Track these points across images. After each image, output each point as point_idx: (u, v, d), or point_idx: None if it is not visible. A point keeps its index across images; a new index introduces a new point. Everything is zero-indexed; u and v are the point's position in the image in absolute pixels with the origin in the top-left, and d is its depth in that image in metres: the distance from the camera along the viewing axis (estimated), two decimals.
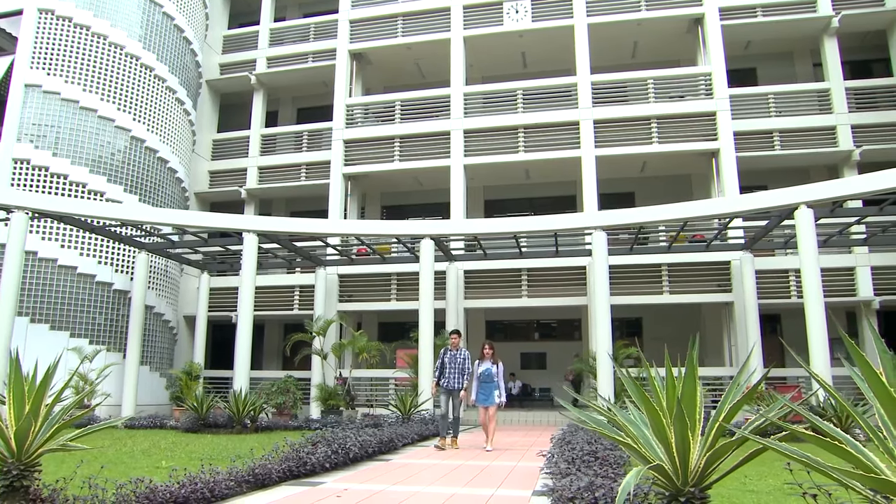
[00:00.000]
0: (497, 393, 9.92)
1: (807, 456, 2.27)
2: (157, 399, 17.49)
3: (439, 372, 10.26)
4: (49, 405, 4.44)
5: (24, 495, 4.23)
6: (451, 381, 10.12)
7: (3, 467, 4.21)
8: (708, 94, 18.88)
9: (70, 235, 16.88)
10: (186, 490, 4.99)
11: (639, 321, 20.95)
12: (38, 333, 15.80)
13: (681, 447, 2.85)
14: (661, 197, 17.18)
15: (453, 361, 10.18)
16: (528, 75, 21.64)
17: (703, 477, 2.92)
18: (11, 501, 4.17)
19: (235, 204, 22.92)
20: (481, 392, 9.98)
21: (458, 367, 10.15)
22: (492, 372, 9.96)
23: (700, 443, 2.90)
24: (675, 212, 14.07)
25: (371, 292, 19.69)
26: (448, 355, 10.31)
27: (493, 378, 9.94)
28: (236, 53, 24.24)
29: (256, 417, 13.15)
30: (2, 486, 4.20)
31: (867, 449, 2.23)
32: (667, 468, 2.91)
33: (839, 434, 2.34)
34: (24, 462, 4.28)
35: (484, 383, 10.01)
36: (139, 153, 18.52)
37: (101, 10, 18.41)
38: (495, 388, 9.95)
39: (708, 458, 2.84)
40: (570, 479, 4.01)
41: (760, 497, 4.95)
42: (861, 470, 2.11)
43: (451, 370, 10.15)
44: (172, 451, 8.47)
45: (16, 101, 17.23)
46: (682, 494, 2.91)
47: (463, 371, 10.13)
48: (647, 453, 3.03)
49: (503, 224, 16.51)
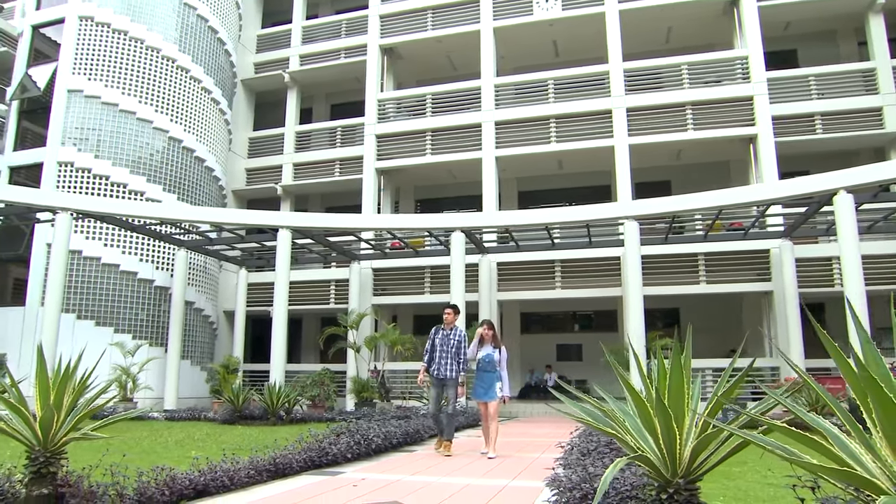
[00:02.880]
0: (499, 385, 7.96)
1: (785, 448, 2.23)
2: (198, 392, 17.99)
3: (428, 356, 8.24)
4: (73, 396, 4.63)
5: (52, 481, 4.42)
6: (442, 368, 8.07)
7: (31, 454, 4.40)
8: (745, 79, 18.38)
9: (112, 234, 17.47)
10: (206, 478, 5.16)
11: (676, 312, 20.59)
12: (85, 329, 16.42)
13: (666, 438, 2.82)
14: (698, 185, 16.82)
15: (445, 344, 8.14)
16: (560, 64, 21.41)
17: (692, 469, 2.88)
18: (39, 486, 4.35)
19: (272, 200, 23.35)
20: (480, 383, 8.01)
21: (452, 350, 8.10)
22: (493, 358, 8.01)
23: (687, 435, 2.87)
24: (709, 200, 13.77)
25: (405, 286, 19.82)
26: (440, 335, 8.25)
27: (495, 366, 8.02)
28: (270, 52, 24.64)
29: (291, 409, 13.41)
30: (30, 472, 4.39)
31: (853, 443, 2.18)
32: (653, 459, 2.88)
33: (823, 427, 2.29)
34: (50, 450, 4.46)
35: (483, 372, 8.06)
36: (177, 153, 19.02)
37: (138, 15, 18.94)
38: (497, 378, 7.99)
39: (693, 450, 2.80)
40: (574, 470, 4.01)
41: (752, 490, 4.86)
42: (837, 465, 2.06)
43: (442, 354, 8.12)
44: (205, 441, 8.73)
45: (59, 107, 17.90)
46: (670, 486, 2.88)
47: (457, 355, 8.11)
48: (637, 445, 3.01)
49: (534, 215, 16.41)
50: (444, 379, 8.07)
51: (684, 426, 2.85)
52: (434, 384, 8.18)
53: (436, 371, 8.10)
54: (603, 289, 18.03)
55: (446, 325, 8.26)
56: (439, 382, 8.12)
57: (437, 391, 8.17)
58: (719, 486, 4.97)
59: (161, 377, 16.85)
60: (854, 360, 2.04)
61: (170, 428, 11.21)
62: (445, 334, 8.20)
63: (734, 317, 19.53)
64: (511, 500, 4.88)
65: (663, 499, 2.89)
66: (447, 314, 8.32)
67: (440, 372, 8.06)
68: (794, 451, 2.21)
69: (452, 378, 8.05)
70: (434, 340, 8.24)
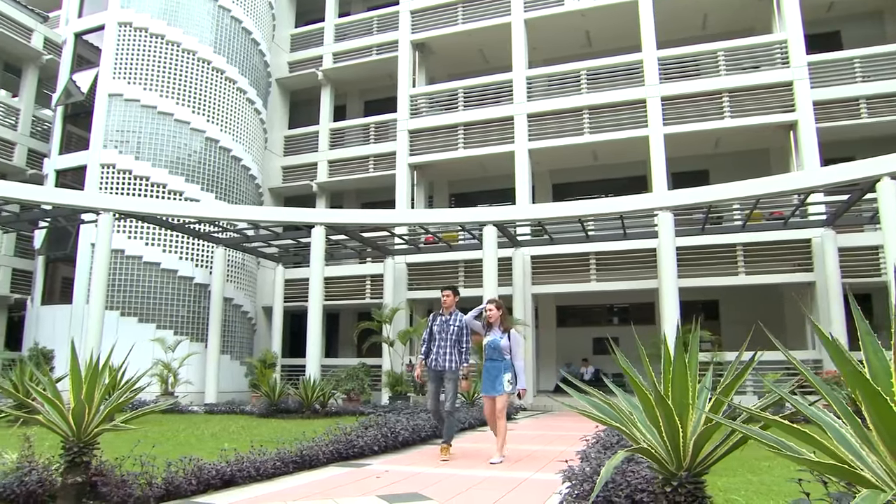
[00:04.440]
0: (508, 377, 6.70)
1: (781, 443, 2.20)
2: (238, 386, 18.41)
3: (426, 346, 7.24)
4: (103, 390, 4.81)
5: (85, 470, 4.60)
6: (441, 358, 7.03)
7: (66, 445, 4.59)
8: (784, 63, 17.86)
9: (153, 233, 17.99)
10: (233, 468, 5.30)
11: (715, 304, 20.20)
12: (128, 326, 16.95)
13: (668, 431, 2.79)
14: (736, 173, 16.43)
15: (444, 331, 7.08)
16: (593, 54, 21.14)
17: (697, 463, 2.85)
18: (73, 475, 4.54)
19: (308, 197, 23.70)
20: (485, 375, 6.82)
21: (452, 338, 7.05)
22: (499, 344, 6.76)
23: (693, 428, 2.84)
24: (747, 189, 13.45)
25: (439, 280, 19.87)
26: (437, 322, 7.21)
27: (503, 354, 6.77)
28: (303, 51, 24.96)
29: (326, 403, 13.62)
30: (65, 461, 4.58)
31: (854, 438, 2.13)
32: (655, 452, 2.86)
33: (823, 421, 2.24)
34: (84, 440, 4.65)
35: (489, 361, 6.82)
36: (214, 153, 19.46)
37: (175, 19, 19.40)
38: (506, 368, 6.73)
39: (695, 443, 2.77)
40: (590, 462, 4.00)
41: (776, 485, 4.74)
42: (834, 460, 2.02)
43: (440, 343, 7.08)
44: (239, 434, 8.95)
45: (101, 110, 18.49)
46: (674, 479, 2.86)
47: (459, 344, 7.06)
48: (642, 437, 2.99)
49: (566, 208, 16.28)
50: (442, 371, 7.05)
51: (688, 419, 2.82)
52: (432, 377, 7.18)
53: (434, 362, 7.08)
54: (639, 281, 17.78)
55: (445, 309, 7.22)
56: (437, 375, 7.12)
57: (436, 385, 7.15)
58: (742, 481, 4.88)
59: (202, 372, 17.31)
60: (833, 353, 2.00)
61: (207, 421, 11.52)
62: (444, 320, 7.15)
63: (776, 308, 19.04)
64: (528, 492, 4.89)
65: (668, 492, 2.87)
66: (445, 296, 7.25)
67: (438, 363, 7.04)
68: (792, 445, 2.18)
69: (453, 370, 6.99)
70: (432, 328, 7.22)
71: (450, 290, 7.29)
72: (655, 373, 3.05)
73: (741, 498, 4.12)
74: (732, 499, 4.14)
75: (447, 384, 7.06)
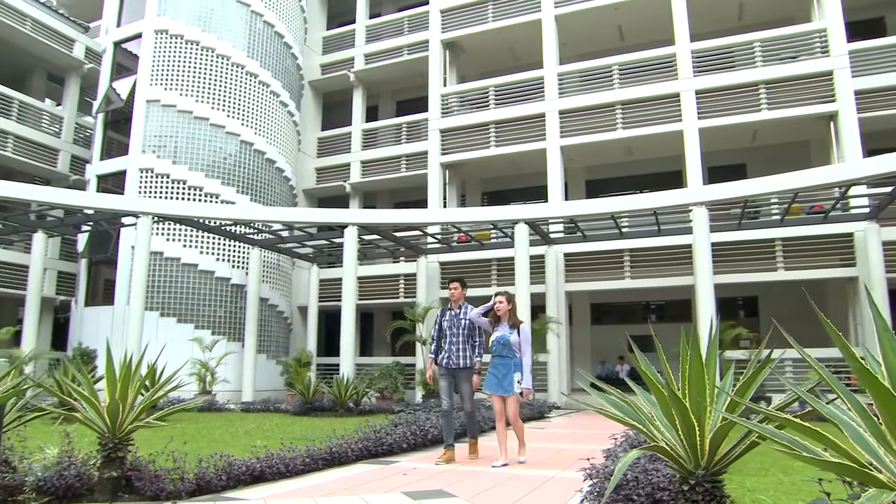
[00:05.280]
0: (518, 376, 6.29)
1: (796, 442, 2.16)
2: (274, 384, 18.71)
3: (436, 343, 6.87)
4: (137, 388, 4.95)
5: (120, 465, 4.75)
6: (453, 355, 6.63)
7: (102, 441, 4.75)
8: (824, 52, 17.37)
9: (191, 236, 18.41)
10: (262, 465, 5.40)
11: (754, 300, 19.76)
12: (168, 326, 17.39)
13: (684, 429, 2.76)
14: (775, 167, 16.04)
15: (455, 326, 6.71)
16: (625, 49, 20.88)
17: (715, 461, 2.81)
18: (109, 470, 4.69)
19: (341, 198, 23.94)
20: (493, 371, 6.42)
21: (463, 332, 6.67)
22: (508, 340, 6.37)
23: (711, 427, 2.80)
24: (784, 183, 13.13)
25: (472, 279, 19.85)
26: (447, 317, 6.83)
27: (513, 350, 6.36)
28: (335, 53, 25.22)
29: (359, 401, 13.75)
30: (102, 456, 4.74)
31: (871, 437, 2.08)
32: (672, 451, 2.83)
33: (841, 420, 2.19)
34: (118, 437, 4.80)
35: (497, 358, 6.43)
36: (249, 156, 19.82)
37: (209, 25, 19.82)
38: (516, 367, 6.33)
39: (711, 442, 2.73)
40: (613, 460, 3.97)
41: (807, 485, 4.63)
42: (846, 460, 1.98)
43: (452, 339, 6.69)
44: (273, 431, 9.11)
45: (139, 116, 19.01)
46: (692, 477, 2.82)
47: (471, 339, 6.67)
48: (661, 436, 2.96)
49: (598, 205, 16.11)
50: (456, 369, 6.64)
51: (705, 418, 2.79)
52: (443, 375, 6.73)
53: (446, 359, 6.67)
54: (674, 278, 17.51)
55: (453, 303, 6.85)
56: (449, 373, 6.70)
57: (448, 382, 6.72)
58: (773, 481, 4.78)
59: (239, 371, 17.64)
60: (842, 349, 1.95)
61: (243, 419, 11.74)
62: (454, 315, 6.76)
63: (818, 304, 18.52)
64: (552, 490, 4.88)
65: (685, 490, 2.83)
66: (453, 289, 6.85)
67: (451, 360, 6.63)
68: (807, 445, 2.13)
69: (466, 367, 6.60)
70: (441, 323, 6.82)
71: (457, 283, 6.89)
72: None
73: (769, 498, 4.04)
74: (759, 499, 4.06)
75: (464, 385, 6.64)
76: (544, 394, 15.91)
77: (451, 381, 6.72)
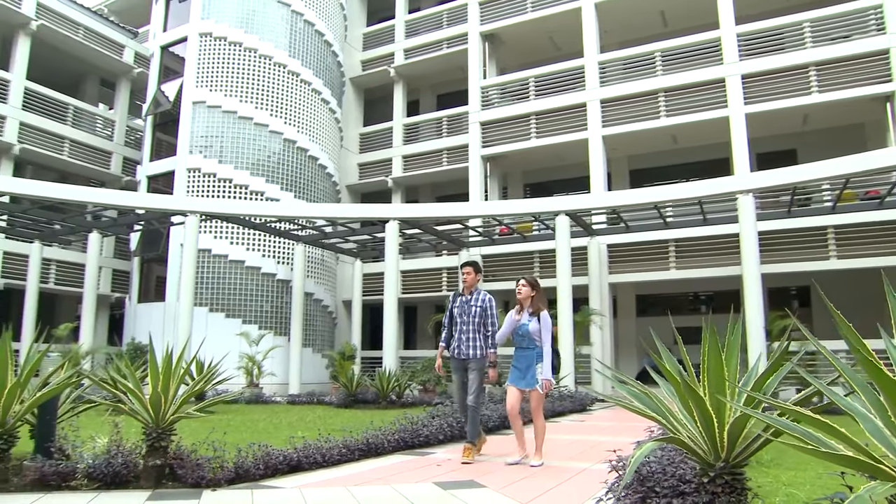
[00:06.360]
0: (539, 367, 5.80)
1: (809, 436, 2.12)
2: (320, 378, 19.07)
3: (446, 331, 6.36)
4: (178, 381, 5.14)
5: (163, 454, 4.94)
6: (463, 345, 6.13)
7: (146, 431, 4.95)
8: (880, 30, 16.65)
9: (237, 233, 18.90)
10: (299, 455, 5.54)
11: (806, 290, 19.14)
12: (217, 321, 17.92)
13: (702, 421, 2.73)
14: (828, 151, 15.46)
15: (466, 313, 6.20)
16: (669, 34, 20.42)
17: (736, 454, 2.77)
18: (153, 458, 4.88)
19: (384, 193, 24.17)
20: (516, 365, 5.96)
21: (475, 320, 6.16)
22: (528, 329, 5.86)
23: (730, 418, 2.76)
24: (834, 168, 12.67)
25: (514, 271, 19.80)
26: (458, 303, 6.31)
27: (533, 340, 5.87)
28: (375, 49, 25.43)
29: (402, 394, 13.92)
30: (146, 445, 4.95)
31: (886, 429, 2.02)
32: (690, 443, 2.80)
33: (859, 412, 2.13)
34: (162, 427, 5.00)
35: (519, 350, 5.94)
36: (292, 153, 20.20)
37: (251, 27, 20.24)
38: (539, 357, 5.83)
39: (729, 433, 2.69)
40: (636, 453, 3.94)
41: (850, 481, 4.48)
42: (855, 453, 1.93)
43: (463, 328, 6.18)
44: (314, 423, 9.29)
45: (186, 118, 19.58)
46: (711, 469, 2.79)
47: (483, 327, 6.14)
48: (678, 428, 2.94)
49: (641, 195, 15.83)
50: (467, 359, 6.13)
51: (725, 410, 2.75)
52: (455, 367, 6.28)
53: (456, 349, 6.17)
54: (721, 268, 17.10)
55: (466, 288, 6.32)
56: (461, 364, 6.20)
57: (460, 375, 6.24)
58: (812, 475, 4.66)
59: (285, 364, 18.04)
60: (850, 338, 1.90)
61: (287, 411, 12.03)
62: (465, 301, 6.23)
63: (875, 293, 17.82)
64: (582, 482, 4.87)
65: (705, 482, 2.81)
66: (466, 274, 6.31)
67: (462, 350, 6.12)
68: (821, 437, 2.09)
69: (478, 358, 6.09)
70: (452, 310, 6.30)
71: (470, 267, 6.33)
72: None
73: (804, 493, 3.95)
74: (793, 493, 3.97)
75: (471, 374, 6.12)
76: (588, 386, 15.78)
77: (462, 372, 6.22)
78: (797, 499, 3.76)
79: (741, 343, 9.67)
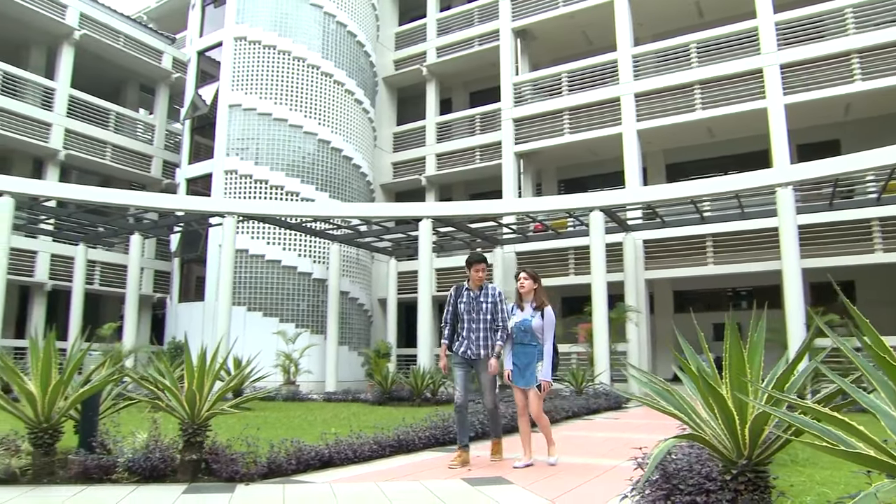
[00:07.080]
0: (540, 364, 5.59)
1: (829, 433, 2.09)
2: (355, 375, 19.28)
3: (449, 328, 5.91)
4: (212, 378, 5.28)
5: (199, 449, 5.09)
6: (473, 344, 5.71)
7: (182, 427, 5.10)
8: None
9: (273, 233, 19.23)
10: (331, 451, 5.64)
11: (851, 284, 18.58)
12: (254, 320, 18.28)
13: (723, 419, 2.71)
14: (873, 141, 14.97)
15: (474, 309, 5.74)
16: (704, 25, 20.03)
17: (758, 451, 2.74)
18: (189, 453, 5.03)
19: (418, 192, 24.27)
20: (515, 362, 5.72)
21: (485, 317, 5.72)
22: (530, 325, 5.63)
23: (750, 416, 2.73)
24: (877, 158, 12.28)
25: (548, 268, 19.71)
26: (464, 298, 5.83)
27: (535, 336, 5.64)
28: (407, 48, 25.55)
29: (436, 391, 13.98)
30: (183, 441, 5.10)
31: None
32: (710, 440, 2.78)
33: (881, 409, 2.09)
34: (197, 423, 5.14)
35: (520, 346, 5.70)
36: (326, 154, 20.46)
37: (285, 30, 20.56)
38: (540, 355, 5.62)
39: (750, 430, 2.66)
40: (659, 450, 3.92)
41: None
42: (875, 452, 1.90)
43: (471, 326, 5.74)
44: (349, 420, 9.42)
45: (222, 121, 20.00)
46: (734, 467, 2.77)
47: (494, 323, 5.71)
48: (701, 425, 2.92)
49: (676, 189, 15.61)
50: (476, 359, 5.72)
51: (747, 407, 2.72)
52: (459, 365, 5.80)
53: (463, 349, 5.74)
54: (760, 263, 16.74)
55: (473, 283, 5.80)
56: (467, 363, 5.78)
57: (464, 373, 5.79)
58: (847, 475, 4.55)
59: (321, 362, 18.29)
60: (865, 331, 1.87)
61: (323, 408, 12.20)
62: (473, 297, 5.76)
63: None
64: (610, 480, 4.85)
65: (727, 480, 2.78)
66: (476, 271, 5.78)
67: (471, 350, 5.70)
68: (841, 435, 2.06)
69: (489, 357, 5.68)
70: (456, 306, 5.85)
71: (479, 262, 5.81)
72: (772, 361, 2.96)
73: (836, 492, 3.86)
74: (824, 492, 3.89)
75: (482, 374, 5.77)
76: (624, 384, 15.61)
77: (467, 370, 5.81)
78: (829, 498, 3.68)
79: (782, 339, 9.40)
